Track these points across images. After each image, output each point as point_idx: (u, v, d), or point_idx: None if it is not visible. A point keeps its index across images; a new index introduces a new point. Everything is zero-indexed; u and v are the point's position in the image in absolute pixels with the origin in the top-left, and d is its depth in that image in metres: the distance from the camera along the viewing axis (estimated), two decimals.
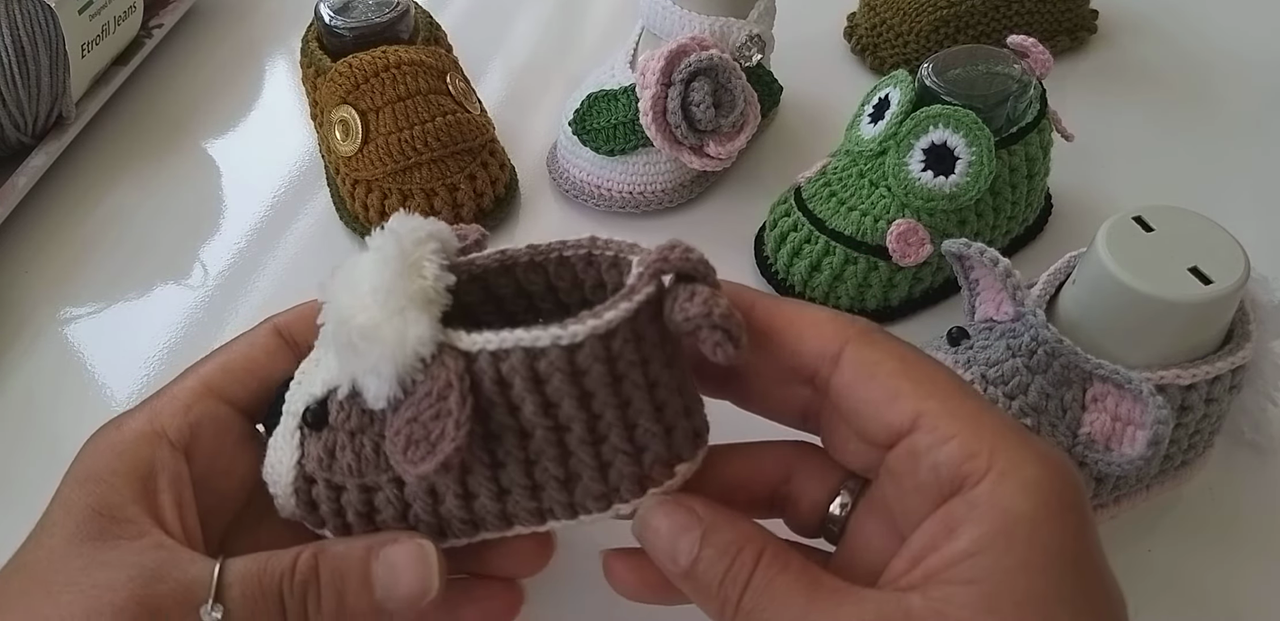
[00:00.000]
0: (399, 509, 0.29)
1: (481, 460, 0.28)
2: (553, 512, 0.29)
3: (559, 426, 0.27)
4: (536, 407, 0.27)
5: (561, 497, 0.28)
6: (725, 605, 0.26)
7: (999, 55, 0.46)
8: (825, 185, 0.47)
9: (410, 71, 0.49)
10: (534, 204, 0.55)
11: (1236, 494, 0.41)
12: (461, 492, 0.29)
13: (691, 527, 0.27)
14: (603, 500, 0.28)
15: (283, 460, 0.30)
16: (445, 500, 0.29)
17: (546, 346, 0.26)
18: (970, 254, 0.37)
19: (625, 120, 0.51)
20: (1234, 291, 0.33)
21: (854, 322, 0.28)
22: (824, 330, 0.28)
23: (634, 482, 0.28)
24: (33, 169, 0.54)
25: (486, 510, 0.29)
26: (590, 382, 0.26)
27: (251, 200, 0.56)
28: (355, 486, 0.29)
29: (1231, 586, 0.39)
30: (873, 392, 0.27)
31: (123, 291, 0.52)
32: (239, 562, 0.28)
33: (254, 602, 0.27)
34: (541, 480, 0.28)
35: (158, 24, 0.63)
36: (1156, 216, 0.34)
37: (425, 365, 0.27)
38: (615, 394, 0.27)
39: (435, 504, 0.29)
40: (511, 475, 0.28)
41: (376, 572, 0.28)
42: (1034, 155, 0.47)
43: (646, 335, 0.27)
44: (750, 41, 0.50)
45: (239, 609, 0.27)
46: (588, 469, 0.28)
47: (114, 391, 0.47)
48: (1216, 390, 0.35)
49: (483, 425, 0.27)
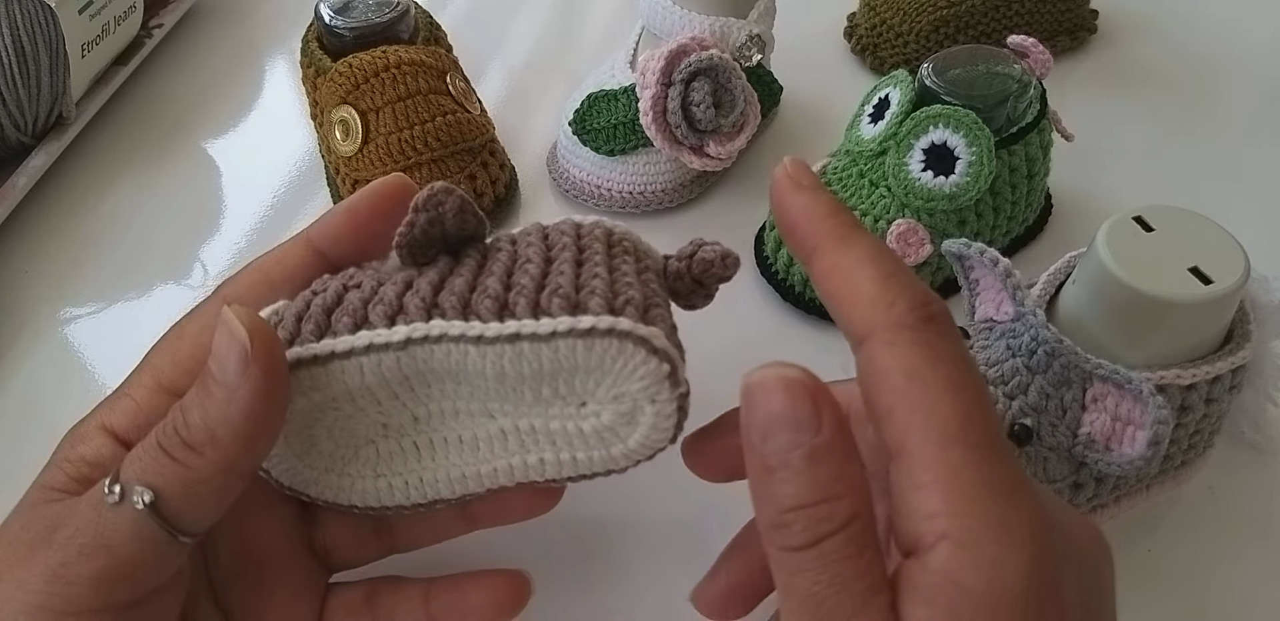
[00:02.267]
0: (366, 296, 0.28)
1: (468, 266, 0.29)
2: (513, 312, 0.27)
3: (550, 253, 0.29)
4: (538, 239, 0.30)
5: (530, 292, 0.27)
6: (784, 532, 0.23)
7: (999, 55, 0.46)
8: (825, 185, 0.47)
9: (410, 71, 0.49)
10: (534, 204, 0.55)
11: (1236, 494, 0.41)
12: (436, 284, 0.28)
13: (805, 429, 0.23)
14: (569, 304, 0.26)
15: None
16: (419, 288, 0.28)
17: (561, 220, 0.31)
18: (970, 254, 0.37)
19: (625, 120, 0.51)
20: (1234, 291, 0.33)
21: (888, 310, 0.24)
22: (859, 311, 0.25)
23: (604, 301, 0.27)
24: (33, 169, 0.54)
25: (453, 293, 0.27)
26: (589, 241, 0.30)
27: (251, 200, 0.56)
28: (335, 287, 0.29)
29: (1232, 586, 0.39)
30: (873, 403, 0.24)
31: (123, 291, 0.52)
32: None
33: (138, 461, 0.27)
34: (518, 278, 0.28)
35: (158, 24, 0.63)
36: (1156, 216, 0.34)
37: None
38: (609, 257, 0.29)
39: (405, 291, 0.28)
40: (492, 271, 0.28)
41: (209, 368, 0.27)
42: (1034, 155, 0.46)
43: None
44: (750, 41, 0.50)
45: (130, 475, 0.26)
46: (564, 277, 0.27)
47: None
48: (1216, 390, 0.35)
49: (480, 254, 0.29)
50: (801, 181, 0.27)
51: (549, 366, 0.27)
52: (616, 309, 0.26)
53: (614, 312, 0.26)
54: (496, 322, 0.26)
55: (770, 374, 0.24)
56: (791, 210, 0.27)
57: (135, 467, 0.26)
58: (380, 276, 0.29)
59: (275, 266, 0.32)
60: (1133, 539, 0.40)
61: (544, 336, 0.26)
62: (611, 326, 0.26)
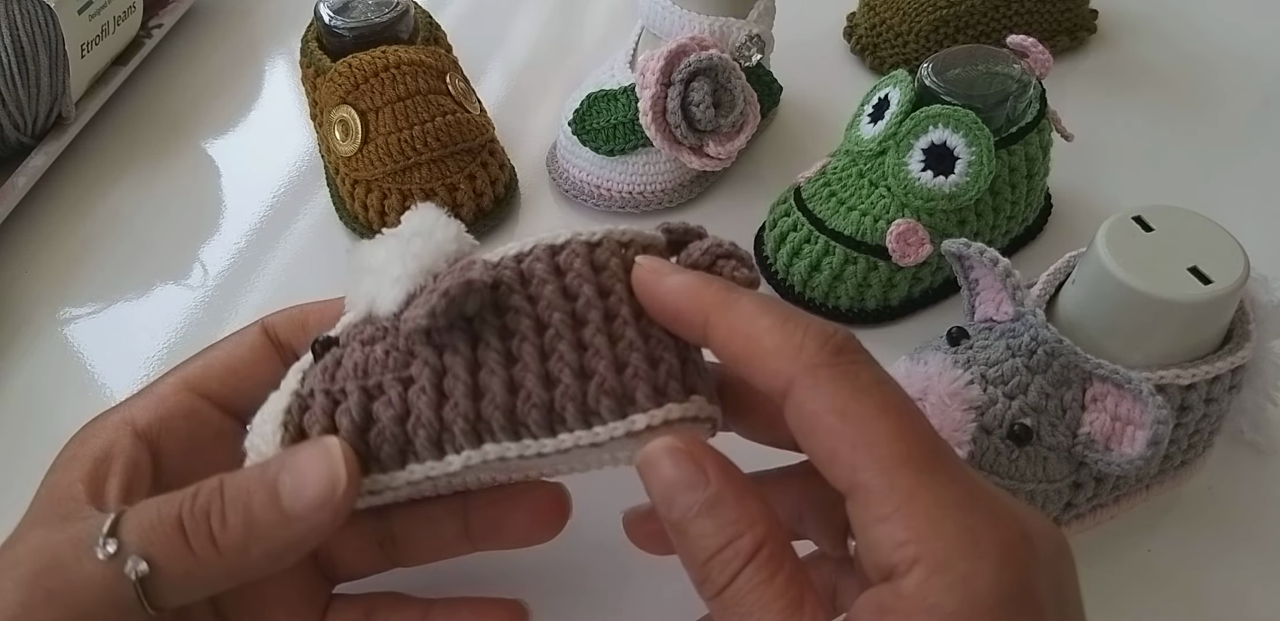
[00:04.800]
0: (399, 412, 0.27)
1: (495, 349, 0.27)
2: (563, 419, 0.27)
3: (576, 316, 0.27)
4: (555, 292, 0.27)
5: (576, 392, 0.27)
6: (707, 582, 0.25)
7: (999, 55, 0.46)
8: (825, 185, 0.47)
9: (410, 71, 0.49)
10: (534, 204, 0.55)
11: (1236, 494, 0.41)
12: (471, 385, 0.27)
13: (696, 487, 0.25)
14: (618, 402, 0.27)
15: (279, 398, 0.29)
16: (453, 395, 0.27)
17: (567, 240, 0.28)
18: (970, 254, 0.37)
19: (625, 120, 0.51)
20: (1234, 291, 0.33)
21: (798, 354, 0.25)
22: (770, 364, 0.25)
23: (650, 387, 0.27)
24: (33, 169, 0.54)
25: (496, 406, 0.27)
26: (607, 278, 0.27)
27: (251, 200, 0.56)
28: (357, 389, 0.28)
29: (1231, 586, 0.39)
30: (813, 448, 0.25)
31: (123, 291, 0.52)
32: (140, 503, 0.27)
33: (150, 530, 0.26)
34: (556, 370, 0.27)
35: (157, 24, 0.63)
36: (1156, 216, 0.34)
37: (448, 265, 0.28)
38: (631, 295, 0.27)
39: (440, 401, 0.27)
40: (527, 364, 0.27)
41: (283, 481, 0.27)
42: (1034, 155, 0.46)
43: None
44: (750, 41, 0.50)
45: (134, 539, 0.26)
46: (603, 361, 0.27)
47: (114, 391, 0.47)
48: (1216, 390, 0.35)
49: (498, 318, 0.27)
50: (662, 270, 0.28)
51: (606, 457, 0.28)
52: (660, 387, 0.27)
53: (659, 392, 0.27)
54: (550, 439, 0.27)
55: (651, 449, 0.26)
56: (668, 294, 0.27)
57: (143, 535, 0.26)
58: (395, 360, 0.28)
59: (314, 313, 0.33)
60: (1133, 539, 0.40)
61: (601, 443, 0.27)
62: (664, 419, 0.27)
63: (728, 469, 0.26)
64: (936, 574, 0.22)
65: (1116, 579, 0.39)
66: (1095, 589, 0.26)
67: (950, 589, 0.22)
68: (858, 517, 0.24)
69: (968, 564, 0.22)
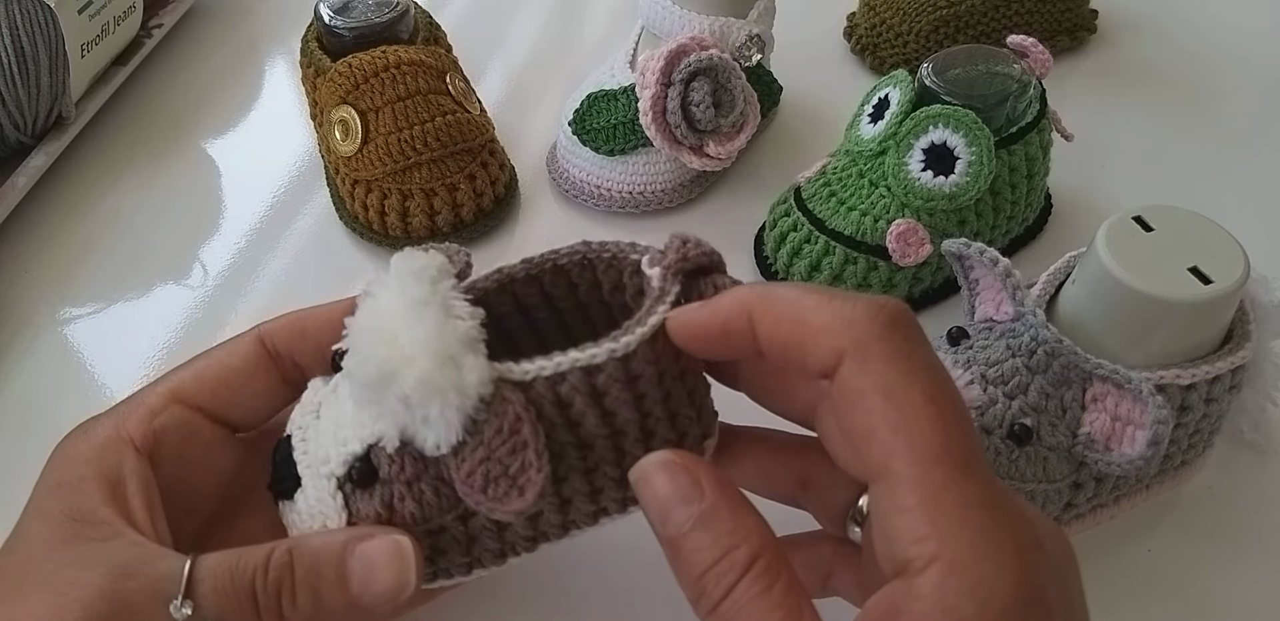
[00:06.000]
0: (464, 544, 0.30)
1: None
2: (606, 510, 0.29)
3: (615, 432, 0.28)
4: (598, 420, 0.27)
5: (616, 495, 0.29)
6: (703, 597, 0.25)
7: (999, 55, 0.46)
8: (825, 185, 0.47)
9: (410, 71, 0.49)
10: (534, 204, 0.55)
11: (1236, 494, 0.41)
12: (529, 514, 0.29)
13: (691, 501, 0.25)
14: None
15: (328, 527, 0.29)
16: (511, 525, 0.29)
17: (603, 362, 0.26)
18: (970, 254, 0.37)
19: (625, 120, 0.51)
20: (1234, 291, 0.33)
21: (850, 327, 0.24)
22: (822, 342, 0.25)
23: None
24: (33, 169, 0.54)
25: (550, 524, 0.29)
26: (643, 385, 0.27)
27: (251, 200, 0.56)
28: (420, 533, 0.29)
29: (1231, 586, 0.39)
30: (850, 425, 0.24)
31: (123, 291, 0.52)
32: (211, 558, 0.28)
33: (225, 597, 0.27)
34: (600, 484, 0.28)
35: (157, 24, 0.63)
36: (1156, 216, 0.34)
37: (486, 404, 0.26)
38: (660, 388, 0.27)
39: (500, 531, 0.29)
40: (574, 485, 0.28)
41: (352, 568, 0.28)
42: (1034, 155, 0.46)
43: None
44: (750, 41, 0.50)
45: (210, 604, 0.27)
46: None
47: (114, 391, 0.47)
48: (1216, 390, 0.35)
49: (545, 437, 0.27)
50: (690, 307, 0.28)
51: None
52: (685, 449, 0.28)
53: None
54: (593, 527, 0.30)
55: (646, 463, 0.26)
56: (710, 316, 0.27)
57: (219, 602, 0.27)
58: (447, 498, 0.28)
59: (312, 319, 0.33)
60: (1133, 539, 0.40)
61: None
62: None
63: (722, 482, 0.26)
64: (954, 575, 0.22)
65: (1116, 579, 0.39)
66: (1095, 589, 0.26)
67: (968, 593, 0.22)
68: (880, 504, 0.23)
69: (986, 567, 0.22)
